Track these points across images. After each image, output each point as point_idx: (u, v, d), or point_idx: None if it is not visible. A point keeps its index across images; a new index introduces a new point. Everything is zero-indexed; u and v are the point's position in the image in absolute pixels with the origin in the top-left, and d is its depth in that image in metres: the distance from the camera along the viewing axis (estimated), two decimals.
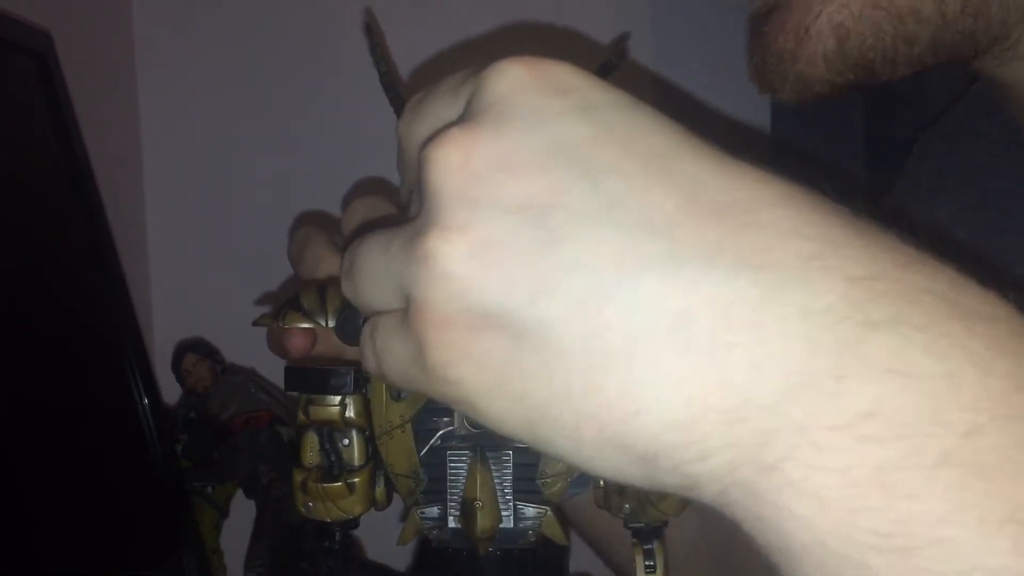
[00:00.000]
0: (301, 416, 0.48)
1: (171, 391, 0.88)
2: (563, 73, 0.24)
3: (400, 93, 0.54)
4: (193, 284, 0.94)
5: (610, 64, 0.53)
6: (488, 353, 0.23)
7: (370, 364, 0.28)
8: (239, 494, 0.85)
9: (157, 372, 0.83)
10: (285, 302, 0.51)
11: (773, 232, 0.21)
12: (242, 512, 0.85)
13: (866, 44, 0.41)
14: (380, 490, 0.50)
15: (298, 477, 0.49)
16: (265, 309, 0.52)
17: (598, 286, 0.21)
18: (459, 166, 0.23)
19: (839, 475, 0.20)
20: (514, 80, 0.24)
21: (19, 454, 0.61)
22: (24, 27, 0.74)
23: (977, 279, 0.22)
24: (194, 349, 0.87)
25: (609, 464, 0.23)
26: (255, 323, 0.50)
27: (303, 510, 0.48)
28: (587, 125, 0.23)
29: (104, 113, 0.88)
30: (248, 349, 0.85)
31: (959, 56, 0.43)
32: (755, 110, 0.85)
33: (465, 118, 0.25)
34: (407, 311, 0.24)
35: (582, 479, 0.48)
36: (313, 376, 0.47)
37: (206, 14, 0.94)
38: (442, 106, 0.26)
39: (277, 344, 0.43)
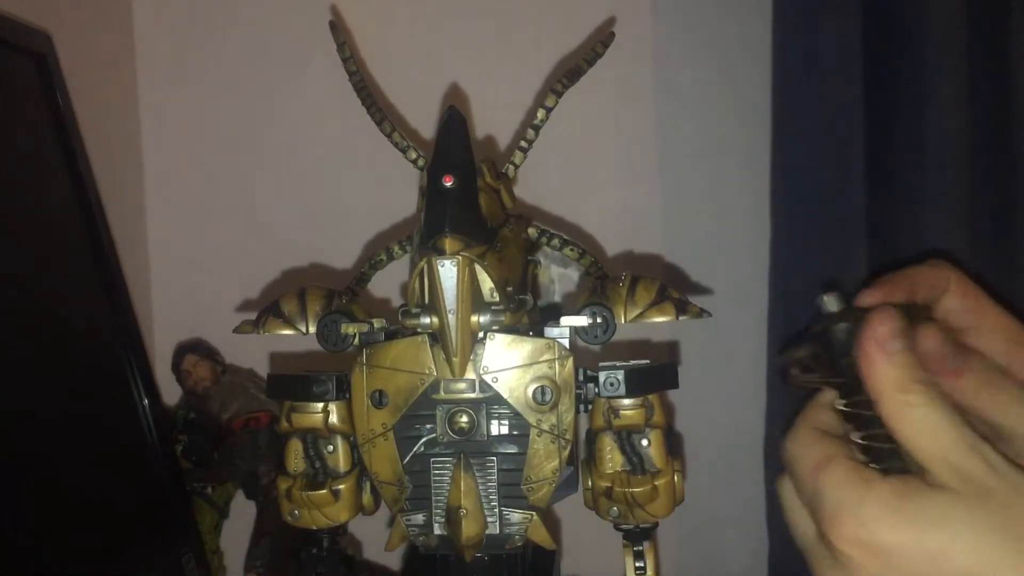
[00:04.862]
0: (284, 423, 0.48)
1: (171, 391, 0.88)
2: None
3: (371, 94, 0.53)
4: (193, 285, 0.94)
5: (594, 54, 0.53)
6: None
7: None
8: (239, 494, 0.85)
9: (157, 372, 0.83)
10: (266, 309, 0.51)
11: None
12: (242, 512, 0.85)
13: None
14: (367, 496, 0.50)
15: (283, 485, 0.49)
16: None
17: None
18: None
19: None
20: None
21: (19, 455, 0.61)
22: (24, 27, 0.74)
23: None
24: (194, 350, 0.87)
25: None
26: (236, 330, 0.50)
27: (289, 518, 0.48)
28: None
29: (104, 113, 0.88)
30: (248, 349, 0.85)
31: None
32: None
33: None
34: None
35: (569, 482, 0.47)
36: (295, 383, 0.47)
37: (206, 14, 0.93)
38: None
39: None
